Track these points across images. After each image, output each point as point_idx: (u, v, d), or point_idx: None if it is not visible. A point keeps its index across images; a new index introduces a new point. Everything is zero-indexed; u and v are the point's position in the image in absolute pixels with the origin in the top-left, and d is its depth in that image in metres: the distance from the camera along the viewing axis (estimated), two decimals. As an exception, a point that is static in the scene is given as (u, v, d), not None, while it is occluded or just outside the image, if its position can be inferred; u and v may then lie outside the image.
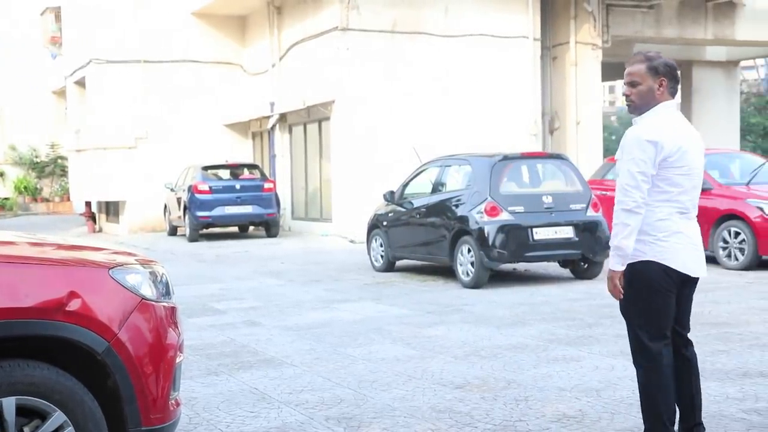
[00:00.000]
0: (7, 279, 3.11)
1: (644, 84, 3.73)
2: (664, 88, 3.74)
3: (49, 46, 27.54)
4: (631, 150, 3.67)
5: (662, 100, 3.74)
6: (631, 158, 3.66)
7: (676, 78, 3.78)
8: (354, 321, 7.86)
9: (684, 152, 3.68)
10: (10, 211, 33.41)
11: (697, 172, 3.77)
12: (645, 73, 3.73)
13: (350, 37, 16.80)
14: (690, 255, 3.77)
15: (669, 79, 3.74)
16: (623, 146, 3.73)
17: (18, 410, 3.05)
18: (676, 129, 3.73)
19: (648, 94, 3.73)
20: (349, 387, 5.43)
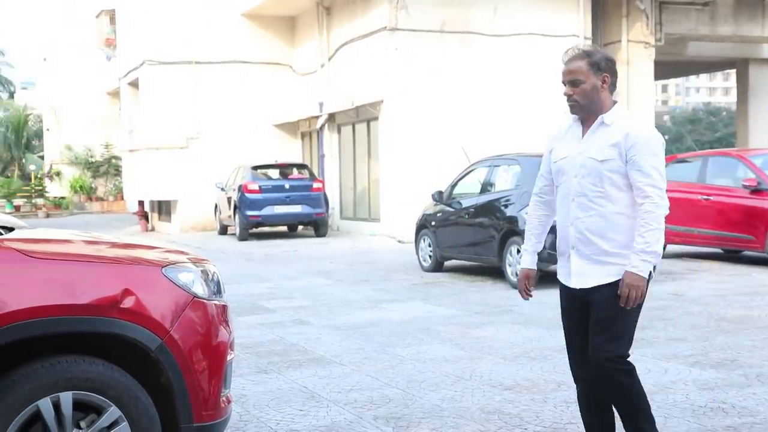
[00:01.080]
0: (64, 276, 3.17)
1: (588, 82, 3.45)
2: (607, 85, 3.49)
3: (104, 48, 28.09)
4: (654, 148, 3.40)
5: (606, 97, 3.48)
6: (658, 159, 3.40)
7: (616, 74, 3.53)
8: (402, 321, 7.85)
9: None
10: (66, 210, 34.18)
11: None
12: (587, 70, 3.46)
13: (399, 37, 16.80)
14: None
15: (611, 74, 3.49)
16: (635, 144, 3.37)
17: (75, 405, 3.11)
18: None
19: (592, 93, 3.46)
20: (398, 387, 5.43)
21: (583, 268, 3.52)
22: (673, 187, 12.24)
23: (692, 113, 63.24)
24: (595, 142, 3.47)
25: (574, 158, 3.51)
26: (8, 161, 44.85)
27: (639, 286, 3.37)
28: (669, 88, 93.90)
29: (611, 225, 3.44)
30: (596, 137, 3.48)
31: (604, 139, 3.45)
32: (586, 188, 3.47)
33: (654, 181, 3.36)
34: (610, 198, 3.43)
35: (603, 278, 3.46)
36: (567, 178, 3.55)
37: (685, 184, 12.12)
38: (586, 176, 3.46)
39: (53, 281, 3.14)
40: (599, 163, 3.42)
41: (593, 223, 3.46)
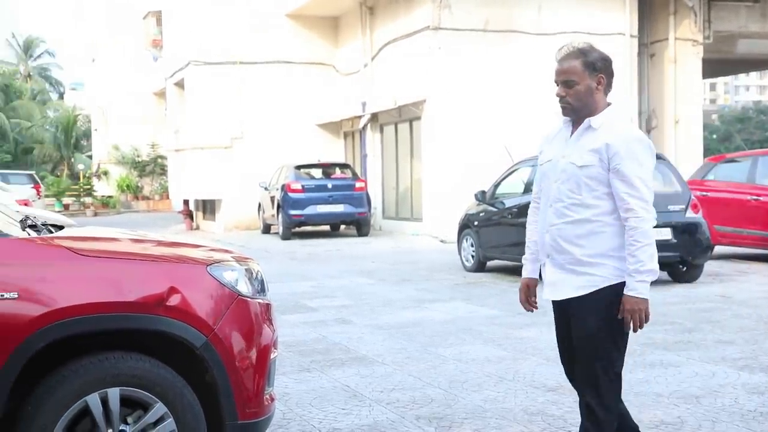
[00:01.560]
0: (112, 274, 3.22)
1: (582, 83, 3.22)
2: (602, 86, 3.25)
3: (151, 48, 28.51)
4: (639, 156, 3.15)
5: (600, 100, 3.25)
6: (644, 168, 3.16)
7: (612, 73, 3.29)
8: (445, 321, 7.83)
9: None
10: (113, 209, 34.76)
11: None
12: (582, 70, 3.21)
13: (442, 37, 16.76)
14: None
15: (607, 75, 3.26)
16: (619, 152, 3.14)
17: (122, 401, 3.16)
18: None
19: (586, 95, 3.23)
20: (440, 387, 5.41)
21: (556, 278, 3.31)
22: (721, 188, 12.13)
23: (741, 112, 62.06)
24: (579, 147, 3.24)
25: (557, 162, 3.30)
26: (58, 161, 45.77)
27: (641, 309, 3.15)
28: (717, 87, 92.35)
29: (587, 233, 3.21)
30: (581, 141, 3.25)
31: (587, 144, 3.21)
32: (564, 194, 3.25)
33: (639, 193, 3.13)
34: (587, 206, 3.21)
35: (576, 290, 3.25)
36: (548, 182, 3.35)
37: (734, 185, 11.91)
38: (565, 182, 3.24)
39: (101, 279, 3.19)
40: (578, 168, 3.20)
41: (568, 230, 3.24)
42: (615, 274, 3.19)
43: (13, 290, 3.01)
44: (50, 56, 60.97)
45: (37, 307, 3.03)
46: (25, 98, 51.72)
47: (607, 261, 3.20)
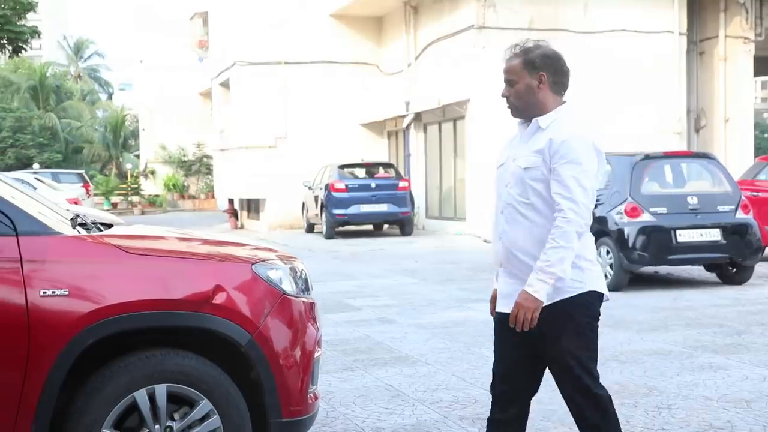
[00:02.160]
0: (159, 272, 3.27)
1: (521, 82, 3.10)
2: (545, 85, 3.09)
3: (197, 49, 28.87)
4: (578, 156, 2.97)
5: (546, 98, 3.10)
6: (581, 168, 2.96)
7: (560, 71, 3.12)
8: (488, 321, 7.72)
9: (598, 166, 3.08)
10: (159, 208, 35.27)
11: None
12: (521, 69, 3.10)
13: (486, 36, 16.67)
14: None
15: (550, 72, 3.09)
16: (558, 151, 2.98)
17: (168, 397, 3.21)
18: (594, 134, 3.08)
19: (527, 94, 3.10)
20: (484, 387, 5.37)
21: (510, 289, 3.12)
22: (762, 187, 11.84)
23: (793, 110, 60.69)
24: (526, 149, 3.10)
25: (508, 165, 3.17)
26: (107, 160, 46.58)
27: (529, 308, 2.94)
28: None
29: (537, 240, 3.02)
30: (529, 143, 3.11)
31: (533, 145, 3.07)
32: (513, 199, 3.09)
33: (571, 194, 2.94)
34: (536, 210, 3.04)
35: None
36: (500, 187, 3.20)
37: (786, 185, 11.64)
38: (514, 186, 3.09)
39: (149, 277, 3.24)
40: (523, 171, 3.06)
41: (519, 237, 3.07)
42: (571, 286, 3.01)
43: (64, 287, 3.06)
44: (100, 57, 62.08)
45: (87, 304, 3.09)
46: (75, 99, 52.73)
47: None
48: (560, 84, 3.14)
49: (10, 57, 23.65)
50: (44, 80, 49.94)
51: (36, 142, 45.32)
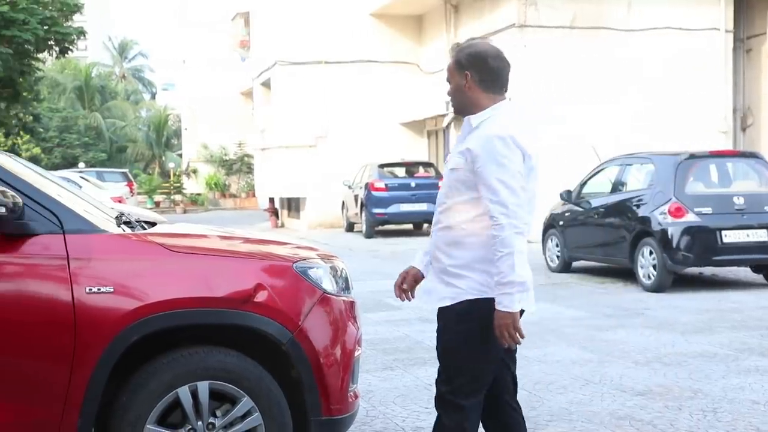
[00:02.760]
0: (202, 270, 3.29)
1: (452, 81, 3.05)
2: (471, 83, 3.00)
3: (239, 49, 29.11)
4: (498, 157, 2.87)
5: (478, 97, 3.01)
6: (504, 169, 2.87)
7: (487, 69, 3.00)
8: (529, 322, 7.66)
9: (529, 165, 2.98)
10: (201, 206, 35.65)
11: (535, 189, 3.06)
12: (452, 68, 3.04)
13: (527, 34, 16.55)
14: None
15: (475, 71, 2.99)
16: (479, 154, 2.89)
17: (210, 394, 3.23)
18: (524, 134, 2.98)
19: (457, 93, 3.05)
20: (524, 388, 5.33)
21: (430, 286, 3.09)
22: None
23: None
24: (455, 149, 3.06)
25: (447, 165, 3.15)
26: (150, 159, 47.24)
27: (507, 324, 2.84)
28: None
29: (455, 240, 2.99)
30: (462, 143, 3.05)
31: (461, 146, 3.02)
32: (441, 198, 3.08)
33: (498, 197, 2.85)
34: (457, 210, 2.99)
35: (440, 300, 3.02)
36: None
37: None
38: (444, 186, 3.07)
39: (192, 275, 3.27)
40: (450, 171, 3.03)
41: (441, 236, 3.05)
42: (476, 288, 2.94)
43: (110, 284, 3.11)
44: (143, 58, 62.97)
45: (132, 302, 3.13)
46: (119, 99, 53.57)
47: (470, 273, 2.95)
48: (489, 82, 3.03)
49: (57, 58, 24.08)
50: (90, 80, 50.81)
51: (81, 142, 46.15)
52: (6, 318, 3.04)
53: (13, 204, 2.99)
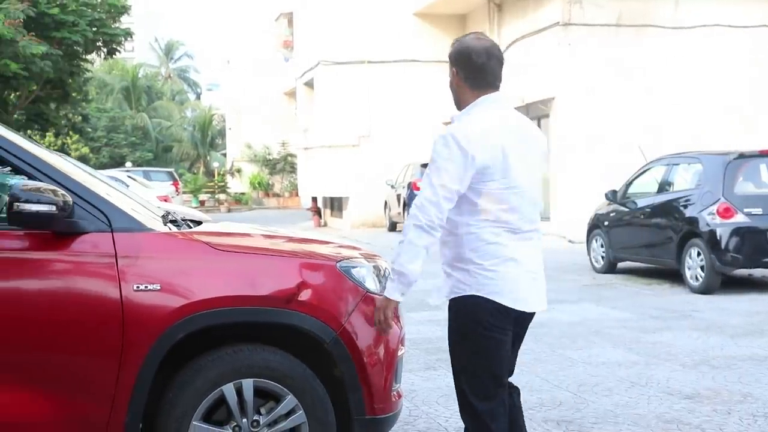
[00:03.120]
0: (246, 269, 3.32)
1: (449, 76, 3.11)
2: (458, 79, 3.05)
3: (282, 49, 29.30)
4: (436, 153, 2.93)
5: (463, 93, 3.06)
6: (434, 166, 2.92)
7: (471, 65, 3.01)
8: (573, 322, 7.66)
9: (503, 163, 2.92)
10: (245, 205, 35.98)
11: (526, 185, 2.99)
12: (449, 64, 3.10)
13: (571, 32, 16.39)
14: (526, 286, 3.02)
15: (461, 68, 3.03)
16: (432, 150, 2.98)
17: (255, 392, 3.25)
18: (493, 131, 2.94)
19: (451, 88, 3.12)
20: (569, 390, 5.29)
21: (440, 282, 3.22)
22: None
23: None
24: None
25: None
26: (195, 159, 47.81)
27: (379, 308, 3.07)
28: None
29: (442, 239, 3.08)
30: None
31: None
32: None
33: (422, 191, 2.93)
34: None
35: (439, 296, 3.19)
36: None
37: None
38: None
39: (236, 273, 3.29)
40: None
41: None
42: (457, 287, 3.04)
43: (156, 282, 3.14)
44: (189, 58, 63.74)
45: (178, 299, 3.15)
46: (165, 99, 54.28)
47: (453, 272, 3.06)
48: (474, 79, 3.04)
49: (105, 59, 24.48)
50: (136, 81, 51.59)
51: (128, 141, 46.87)
52: (56, 314, 3.08)
53: (64, 203, 3.04)
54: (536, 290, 3.10)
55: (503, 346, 3.03)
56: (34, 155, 3.23)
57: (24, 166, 3.18)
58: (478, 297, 2.98)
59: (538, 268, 3.12)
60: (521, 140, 3.03)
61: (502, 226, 2.96)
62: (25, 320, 3.06)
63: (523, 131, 3.09)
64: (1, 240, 3.12)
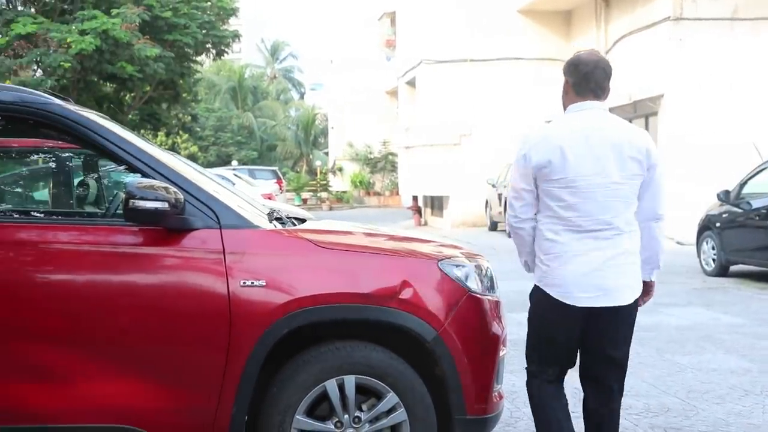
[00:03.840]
0: (349, 266, 3.35)
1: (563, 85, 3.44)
2: (568, 88, 3.38)
3: (385, 48, 29.50)
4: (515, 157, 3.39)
5: (570, 100, 3.37)
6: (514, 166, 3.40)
7: (577, 74, 3.32)
8: (682, 327, 7.41)
9: (561, 162, 3.18)
10: (346, 204, 36.36)
11: (586, 185, 3.18)
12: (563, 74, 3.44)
13: (683, 28, 15.85)
14: (579, 281, 3.22)
15: (570, 75, 3.35)
16: None
17: (357, 388, 3.28)
18: (556, 133, 3.25)
19: (562, 99, 3.44)
20: (677, 396, 5.12)
21: None
22: None
23: None
24: None
25: None
26: (298, 157, 48.63)
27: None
28: None
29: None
30: None
31: None
32: None
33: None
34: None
35: None
36: None
37: None
38: None
39: (339, 271, 3.32)
40: None
41: None
42: (535, 277, 3.45)
43: (262, 278, 3.20)
44: (294, 59, 64.87)
45: (283, 295, 3.21)
46: (270, 99, 55.44)
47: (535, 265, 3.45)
48: (578, 85, 3.34)
49: (214, 60, 25.19)
50: (243, 81, 52.88)
51: (235, 140, 48.10)
52: (167, 307, 3.19)
53: (176, 200, 3.14)
54: (593, 285, 3.24)
55: (554, 336, 3.39)
56: (148, 154, 3.35)
57: (139, 164, 3.30)
58: (540, 288, 3.39)
59: (606, 265, 3.23)
60: (587, 142, 3.21)
61: (563, 224, 3.24)
62: (138, 312, 3.17)
63: (596, 134, 3.23)
64: (118, 235, 3.25)
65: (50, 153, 6.00)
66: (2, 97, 3.30)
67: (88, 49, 16.71)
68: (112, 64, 17.63)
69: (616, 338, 3.37)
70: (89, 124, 3.34)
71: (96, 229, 3.31)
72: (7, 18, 17.79)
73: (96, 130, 3.33)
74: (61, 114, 3.31)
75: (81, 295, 3.17)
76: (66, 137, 3.67)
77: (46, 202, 6.51)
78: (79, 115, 3.34)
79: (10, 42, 17.11)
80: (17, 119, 3.42)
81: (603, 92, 3.32)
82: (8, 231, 3.25)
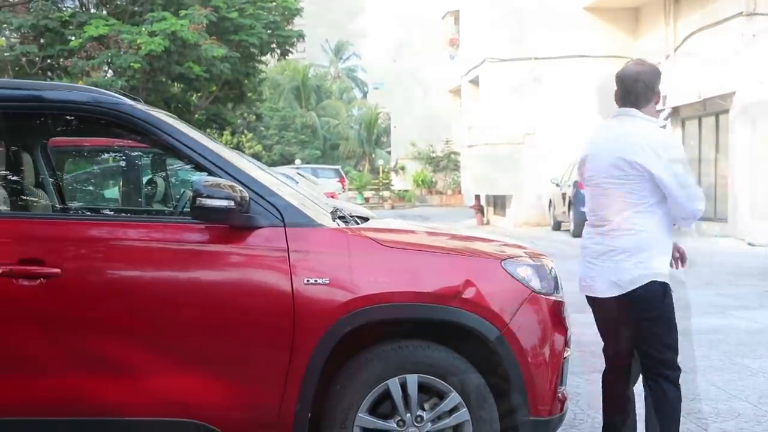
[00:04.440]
0: (412, 266, 3.34)
1: None
2: (616, 95, 3.70)
3: (448, 47, 29.41)
4: None
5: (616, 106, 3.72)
6: None
7: (620, 86, 3.65)
8: (753, 330, 7.20)
9: (585, 161, 3.73)
10: (408, 202, 36.40)
11: (596, 182, 3.64)
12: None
13: (757, 23, 15.40)
14: (583, 272, 3.73)
15: (617, 85, 3.68)
16: None
17: (419, 387, 3.28)
18: (591, 138, 3.73)
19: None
20: (748, 401, 4.98)
21: None
22: None
23: None
24: None
25: None
26: (360, 156, 48.87)
27: None
28: None
29: None
30: None
31: None
32: None
33: None
34: None
35: None
36: None
37: None
38: None
39: (402, 270, 3.32)
40: None
41: None
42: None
43: (325, 276, 3.22)
44: (357, 58, 65.16)
45: (346, 294, 3.22)
46: (333, 98, 55.82)
47: None
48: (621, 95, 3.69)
49: (278, 60, 25.44)
50: (306, 81, 53.34)
51: (298, 140, 48.55)
52: (232, 304, 3.23)
53: (241, 198, 3.18)
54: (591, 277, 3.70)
55: (600, 324, 3.93)
56: (215, 153, 3.40)
57: (206, 163, 3.35)
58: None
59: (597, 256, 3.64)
60: (601, 147, 3.62)
61: (588, 220, 3.77)
62: (203, 308, 3.22)
63: (612, 139, 3.58)
64: (184, 233, 3.30)
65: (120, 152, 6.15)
66: (76, 97, 3.40)
67: (157, 50, 17.06)
68: (180, 65, 17.97)
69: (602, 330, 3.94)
70: (159, 123, 3.41)
71: (164, 227, 3.38)
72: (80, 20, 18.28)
73: (165, 129, 3.40)
74: (133, 114, 3.39)
75: (149, 291, 3.24)
76: (136, 137, 3.75)
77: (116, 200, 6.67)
78: (149, 115, 3.41)
79: (83, 44, 17.57)
80: (90, 119, 3.52)
81: (646, 101, 3.60)
82: (80, 228, 3.34)
